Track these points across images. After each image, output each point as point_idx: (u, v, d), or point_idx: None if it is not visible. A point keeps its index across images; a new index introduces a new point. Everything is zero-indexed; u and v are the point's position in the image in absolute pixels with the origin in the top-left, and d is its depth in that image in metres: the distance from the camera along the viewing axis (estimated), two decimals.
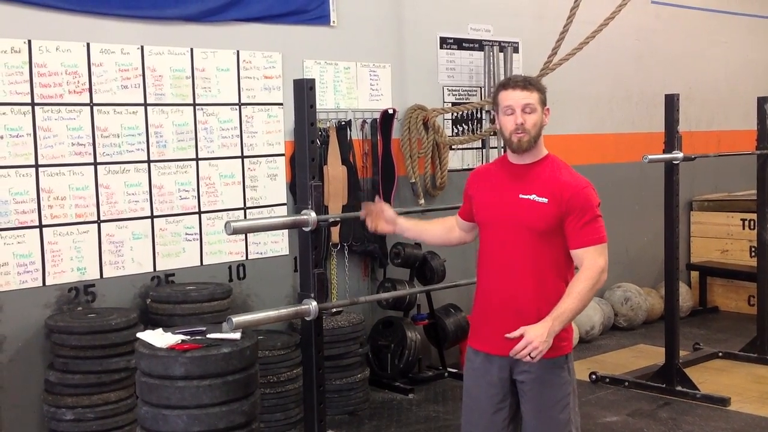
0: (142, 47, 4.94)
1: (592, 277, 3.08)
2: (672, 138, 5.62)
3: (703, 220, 8.33)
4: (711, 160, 7.12)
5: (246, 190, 5.40)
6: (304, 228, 3.66)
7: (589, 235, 3.12)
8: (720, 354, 6.46)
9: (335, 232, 5.61)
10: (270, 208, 5.48)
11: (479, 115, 6.60)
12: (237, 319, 3.38)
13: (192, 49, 5.12)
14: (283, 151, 5.53)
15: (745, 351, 6.42)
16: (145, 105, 4.96)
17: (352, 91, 5.87)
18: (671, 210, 5.68)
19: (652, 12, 7.97)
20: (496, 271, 3.22)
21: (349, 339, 5.30)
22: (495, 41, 6.64)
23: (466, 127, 6.53)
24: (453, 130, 6.45)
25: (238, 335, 3.84)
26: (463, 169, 6.41)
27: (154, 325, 4.41)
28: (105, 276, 4.83)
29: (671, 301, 5.73)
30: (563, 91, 6.66)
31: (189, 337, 3.87)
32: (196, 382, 3.66)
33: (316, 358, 3.71)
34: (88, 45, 4.74)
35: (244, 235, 5.32)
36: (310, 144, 3.69)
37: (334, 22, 5.74)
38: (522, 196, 3.16)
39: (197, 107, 5.16)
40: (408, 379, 5.81)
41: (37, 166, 4.59)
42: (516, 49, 6.79)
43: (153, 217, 5.01)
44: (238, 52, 5.31)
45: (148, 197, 4.99)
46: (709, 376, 5.94)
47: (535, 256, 3.14)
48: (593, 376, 5.90)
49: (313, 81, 3.70)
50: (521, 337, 2.99)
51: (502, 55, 6.60)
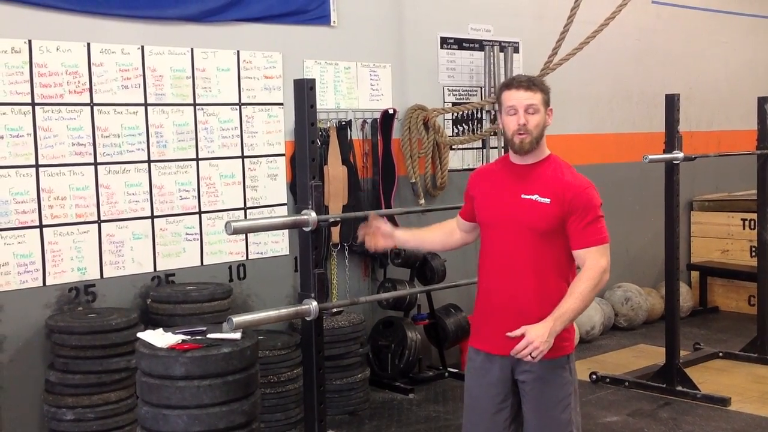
0: (143, 47, 4.94)
1: (594, 278, 3.07)
2: (672, 138, 5.62)
3: (703, 220, 8.32)
4: (711, 160, 7.12)
5: (246, 190, 5.40)
6: (304, 228, 3.66)
7: (592, 236, 3.11)
8: (720, 354, 6.46)
9: (335, 232, 5.61)
10: (270, 208, 5.48)
11: (479, 115, 6.60)
12: (237, 319, 3.39)
13: (192, 49, 5.12)
14: (283, 151, 5.53)
15: (746, 351, 6.41)
16: (146, 105, 4.96)
17: (352, 91, 5.86)
18: (671, 210, 5.68)
19: (653, 12, 7.96)
20: (497, 271, 3.22)
21: (349, 339, 5.29)
22: (495, 41, 6.64)
23: (467, 127, 6.53)
24: (453, 130, 6.45)
25: (238, 335, 3.84)
26: (463, 169, 6.41)
27: (154, 325, 4.40)
28: (105, 276, 4.83)
29: (672, 301, 5.73)
30: (563, 91, 6.64)
31: (189, 337, 3.87)
32: (197, 382, 3.65)
33: (317, 358, 3.71)
34: (89, 45, 4.74)
35: (244, 235, 5.32)
36: (310, 144, 3.69)
37: (335, 22, 5.73)
38: (524, 197, 3.16)
39: (197, 107, 5.16)
40: (408, 379, 5.81)
41: (37, 166, 4.59)
42: (516, 49, 6.78)
43: (153, 217, 5.01)
44: (239, 52, 5.31)
45: (149, 197, 4.99)
46: (709, 376, 5.94)
47: (536, 256, 3.14)
48: (593, 376, 5.89)
49: (313, 81, 3.70)
50: (522, 336, 2.99)
51: (502, 55, 6.60)
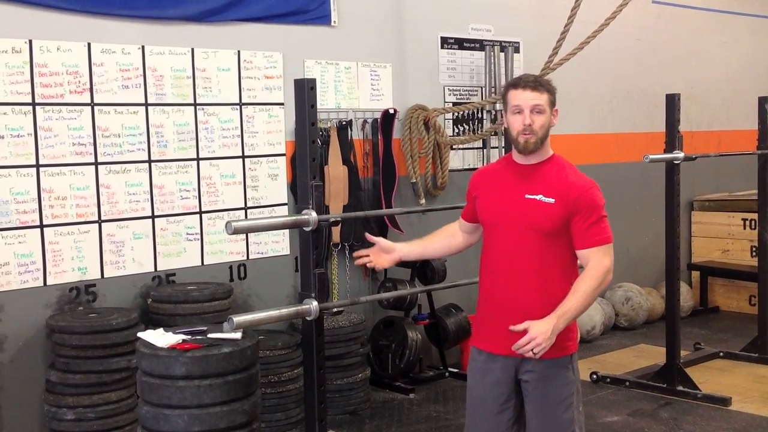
0: (143, 47, 4.94)
1: (597, 277, 3.07)
2: (673, 138, 5.62)
3: (704, 220, 8.32)
4: (712, 160, 7.11)
5: (247, 190, 5.40)
6: (305, 228, 3.66)
7: (596, 236, 3.11)
8: (721, 354, 6.46)
9: (336, 231, 5.61)
10: (271, 208, 5.48)
11: (480, 115, 6.59)
12: (238, 318, 3.38)
13: (193, 49, 5.13)
14: (283, 151, 5.53)
15: (746, 351, 6.41)
16: (146, 105, 4.96)
17: (352, 91, 5.86)
18: (672, 210, 5.67)
19: (654, 12, 7.96)
20: (500, 271, 3.21)
21: (349, 339, 5.29)
22: (496, 41, 6.64)
23: (467, 126, 6.53)
24: (454, 129, 6.45)
25: (238, 335, 3.84)
26: (464, 169, 6.41)
27: (155, 325, 4.40)
28: (106, 276, 4.83)
29: (672, 301, 5.72)
30: (564, 91, 6.51)
31: (190, 336, 3.87)
32: (197, 382, 3.65)
33: (317, 358, 3.71)
34: (89, 45, 4.74)
35: (244, 234, 5.32)
36: (311, 144, 3.69)
37: (335, 22, 5.73)
38: (528, 197, 3.15)
39: (198, 107, 5.16)
40: (409, 378, 5.81)
41: (38, 166, 4.59)
42: (517, 49, 6.78)
43: (154, 216, 5.01)
44: (239, 52, 5.31)
45: (149, 197, 4.99)
46: (710, 376, 5.94)
47: (540, 256, 3.14)
48: (594, 376, 5.89)
49: (314, 81, 3.70)
50: (525, 331, 2.99)
51: (502, 55, 6.60)
